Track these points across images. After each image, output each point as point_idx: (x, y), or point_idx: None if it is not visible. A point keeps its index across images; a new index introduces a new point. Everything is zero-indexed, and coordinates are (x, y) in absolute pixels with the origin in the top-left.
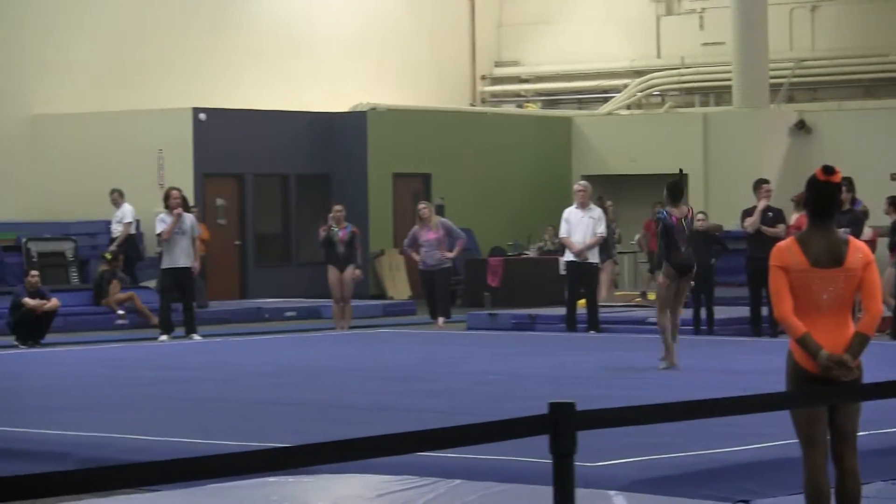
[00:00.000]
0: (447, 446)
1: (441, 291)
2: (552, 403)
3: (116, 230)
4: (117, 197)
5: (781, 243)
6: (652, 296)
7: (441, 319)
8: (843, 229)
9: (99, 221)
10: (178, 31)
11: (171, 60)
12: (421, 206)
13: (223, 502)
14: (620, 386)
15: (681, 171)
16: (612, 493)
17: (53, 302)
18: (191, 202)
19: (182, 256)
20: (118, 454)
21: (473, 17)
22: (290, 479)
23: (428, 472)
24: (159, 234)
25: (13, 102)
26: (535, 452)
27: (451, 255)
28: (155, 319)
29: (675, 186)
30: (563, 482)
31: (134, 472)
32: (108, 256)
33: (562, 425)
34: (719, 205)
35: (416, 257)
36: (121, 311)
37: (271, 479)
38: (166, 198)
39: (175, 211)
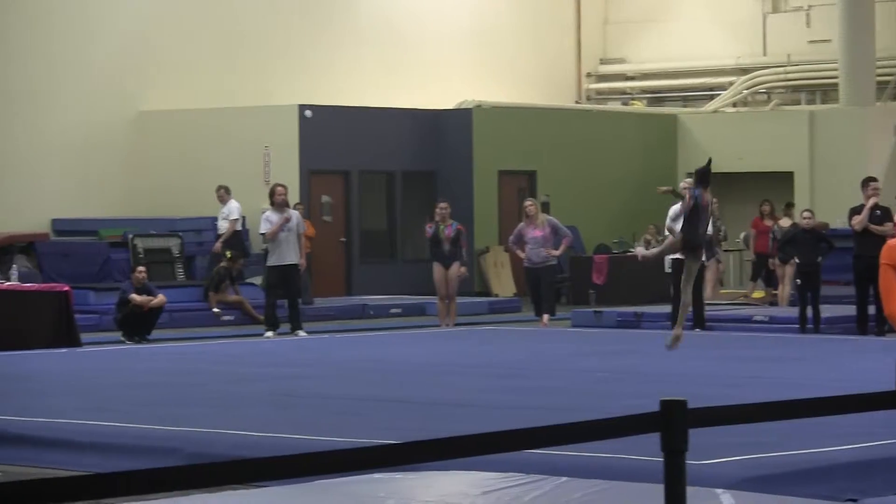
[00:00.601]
0: (558, 443)
1: (546, 289)
2: (664, 401)
3: (222, 227)
4: (223, 193)
5: (892, 241)
6: (757, 294)
7: (546, 317)
8: None
9: (205, 218)
10: (284, 28)
11: (278, 57)
12: (528, 202)
13: (330, 498)
14: (726, 384)
15: (709, 160)
16: (719, 491)
17: (160, 298)
18: (296, 199)
19: (289, 253)
20: (225, 450)
21: (579, 15)
22: (397, 475)
23: (534, 468)
24: (263, 234)
25: (120, 99)
26: (641, 450)
27: (556, 252)
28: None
29: (706, 172)
30: (675, 480)
31: (242, 469)
32: (229, 255)
33: (674, 423)
34: (825, 202)
35: (522, 254)
36: (216, 310)
37: (377, 475)
38: (272, 194)
39: (284, 216)
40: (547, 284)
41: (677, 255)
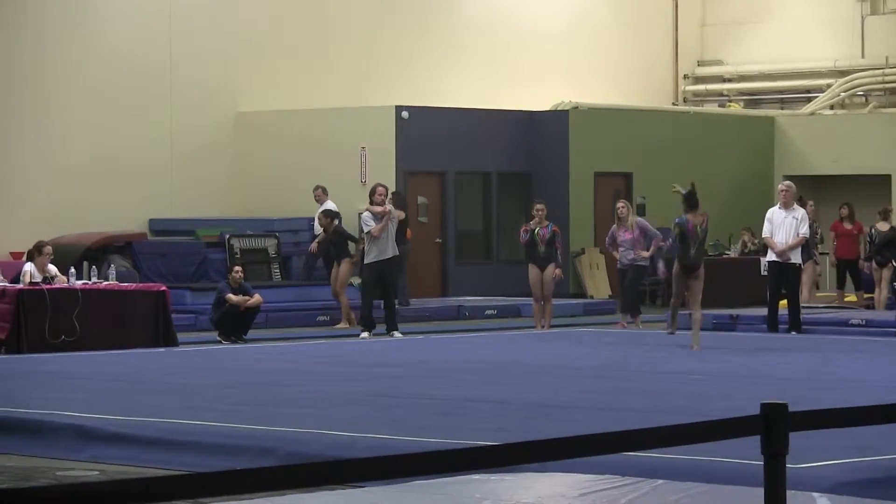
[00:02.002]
0: (658, 446)
1: (629, 288)
2: (764, 404)
3: (319, 227)
4: (321, 193)
5: None
6: (850, 298)
7: (637, 317)
8: None
9: (301, 218)
10: (382, 29)
11: (376, 58)
12: (619, 204)
13: (427, 499)
14: (823, 386)
15: (692, 183)
16: (816, 494)
17: (256, 298)
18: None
19: (388, 248)
20: (322, 450)
21: (677, 16)
22: (494, 476)
23: (630, 471)
24: (369, 233)
25: (219, 100)
26: (737, 453)
27: (646, 254)
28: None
29: (692, 197)
30: (775, 483)
31: (338, 469)
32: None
33: (775, 426)
34: None
35: (617, 255)
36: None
37: (475, 476)
38: (372, 193)
39: (383, 209)
40: (630, 284)
41: (773, 258)
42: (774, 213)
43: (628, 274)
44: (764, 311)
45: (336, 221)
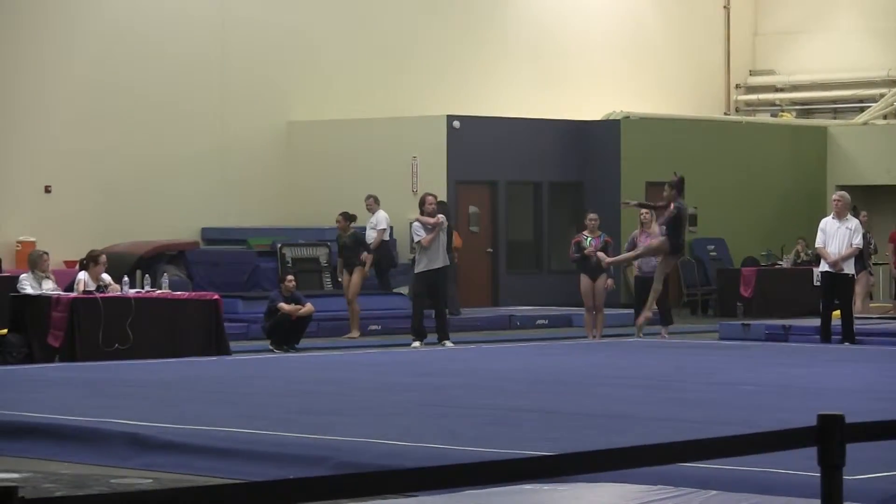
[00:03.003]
0: (714, 457)
1: (661, 302)
2: (821, 415)
3: (370, 236)
4: (372, 203)
5: None
6: None
7: (664, 331)
8: None
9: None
10: (433, 39)
11: (427, 68)
12: (643, 210)
13: None
14: (877, 397)
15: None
16: None
17: (308, 307)
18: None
19: (437, 258)
20: (374, 459)
21: (729, 26)
22: (545, 486)
23: (682, 482)
24: (419, 242)
25: (271, 109)
26: (790, 464)
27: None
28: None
29: (683, 183)
30: (831, 495)
31: (391, 479)
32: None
33: (831, 437)
34: None
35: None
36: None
37: (527, 486)
38: (422, 203)
39: (434, 220)
40: (662, 297)
41: (826, 269)
42: (827, 224)
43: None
44: (817, 322)
45: (352, 225)
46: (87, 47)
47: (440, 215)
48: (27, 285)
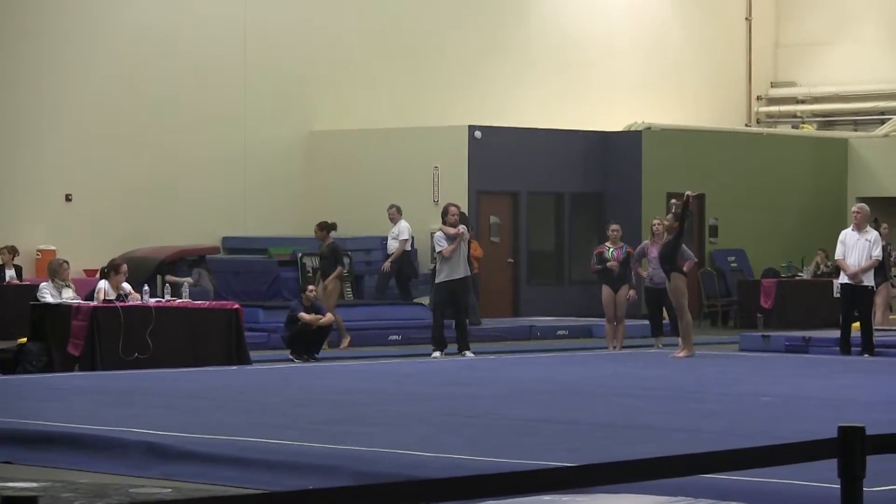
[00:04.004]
0: (735, 468)
1: (671, 313)
2: (842, 427)
3: (392, 246)
4: (395, 213)
5: None
6: None
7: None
8: None
9: (374, 237)
10: (455, 49)
11: (449, 78)
12: (654, 221)
13: None
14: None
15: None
16: None
17: (328, 317)
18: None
19: (458, 268)
20: (391, 469)
21: (750, 38)
22: (565, 497)
23: (704, 493)
24: (440, 252)
25: (293, 118)
26: (810, 475)
27: None
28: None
29: (688, 205)
30: None
31: (411, 488)
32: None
33: (853, 449)
34: None
35: (643, 272)
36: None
37: (546, 497)
38: (444, 213)
39: (456, 231)
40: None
41: (846, 280)
42: (847, 235)
43: (669, 299)
44: (837, 334)
45: (332, 235)
46: (108, 56)
47: (462, 226)
48: (47, 294)
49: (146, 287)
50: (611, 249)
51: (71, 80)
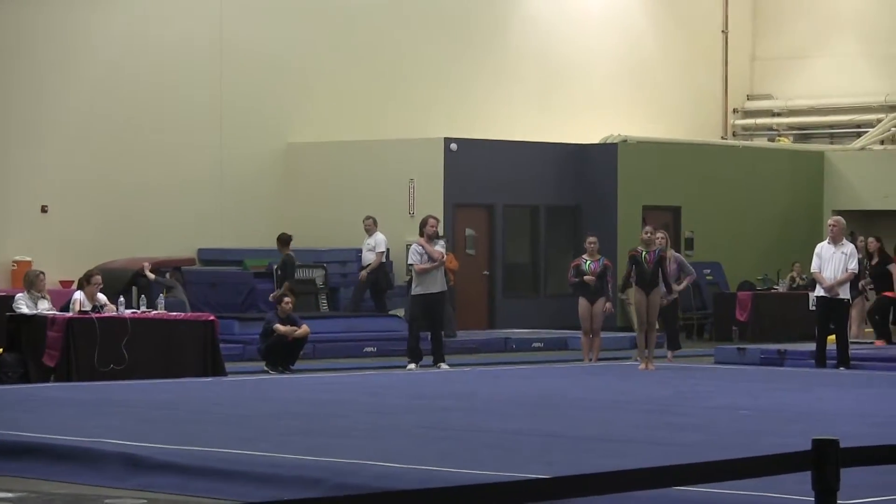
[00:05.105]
0: (708, 481)
1: (670, 325)
2: (816, 439)
3: (367, 258)
4: (371, 224)
5: None
6: None
7: (670, 353)
8: None
9: (349, 249)
10: (431, 62)
11: (425, 90)
12: (658, 235)
13: None
14: (872, 422)
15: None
16: None
17: (304, 329)
18: (441, 232)
19: (436, 282)
20: (370, 481)
21: (727, 51)
22: None
23: None
24: (412, 265)
25: (270, 131)
26: (786, 488)
27: (678, 288)
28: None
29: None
30: None
31: (388, 500)
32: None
33: (826, 462)
34: None
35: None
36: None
37: None
38: (423, 225)
39: (439, 255)
40: (670, 320)
41: (822, 293)
42: (823, 248)
43: (667, 312)
44: (812, 347)
45: (288, 249)
46: (84, 68)
47: (440, 244)
48: (23, 305)
49: (121, 298)
50: (588, 262)
51: (48, 93)
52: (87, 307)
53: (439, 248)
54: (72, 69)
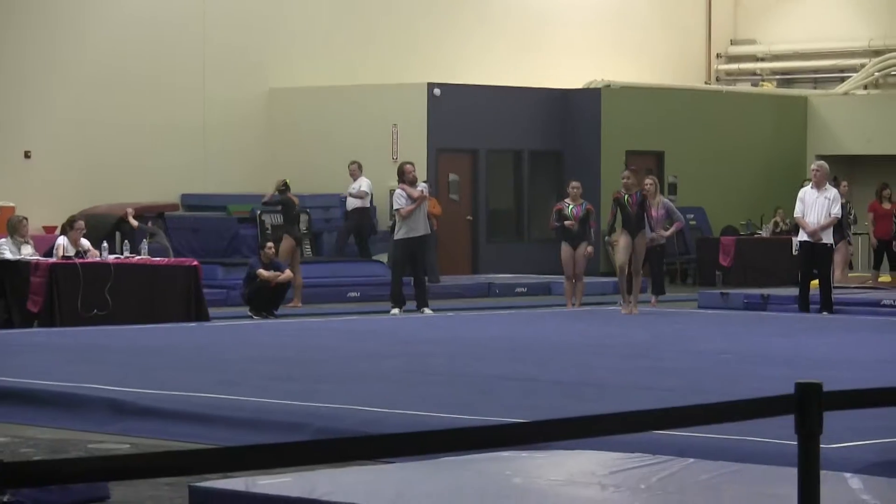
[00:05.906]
0: (691, 425)
1: (655, 270)
2: (799, 383)
3: (352, 203)
4: (356, 169)
5: None
6: (884, 278)
7: (654, 298)
8: None
9: (333, 195)
10: (415, 6)
11: (408, 35)
12: (647, 181)
13: (457, 475)
14: (855, 367)
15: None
16: (847, 475)
17: (287, 274)
18: (424, 177)
19: (419, 226)
20: (353, 426)
21: None
22: (524, 454)
23: (661, 450)
24: (398, 210)
25: (251, 76)
26: (767, 432)
27: (666, 234)
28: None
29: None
30: (809, 463)
31: (369, 444)
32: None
33: (809, 406)
34: None
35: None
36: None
37: (504, 453)
38: (401, 172)
39: (419, 193)
40: (656, 266)
41: (805, 238)
42: (806, 193)
43: (653, 257)
44: (796, 292)
45: (288, 190)
46: (67, 14)
47: (422, 186)
48: (6, 250)
49: (105, 244)
50: (570, 206)
51: (28, 37)
52: (71, 252)
53: (421, 187)
54: (54, 15)
